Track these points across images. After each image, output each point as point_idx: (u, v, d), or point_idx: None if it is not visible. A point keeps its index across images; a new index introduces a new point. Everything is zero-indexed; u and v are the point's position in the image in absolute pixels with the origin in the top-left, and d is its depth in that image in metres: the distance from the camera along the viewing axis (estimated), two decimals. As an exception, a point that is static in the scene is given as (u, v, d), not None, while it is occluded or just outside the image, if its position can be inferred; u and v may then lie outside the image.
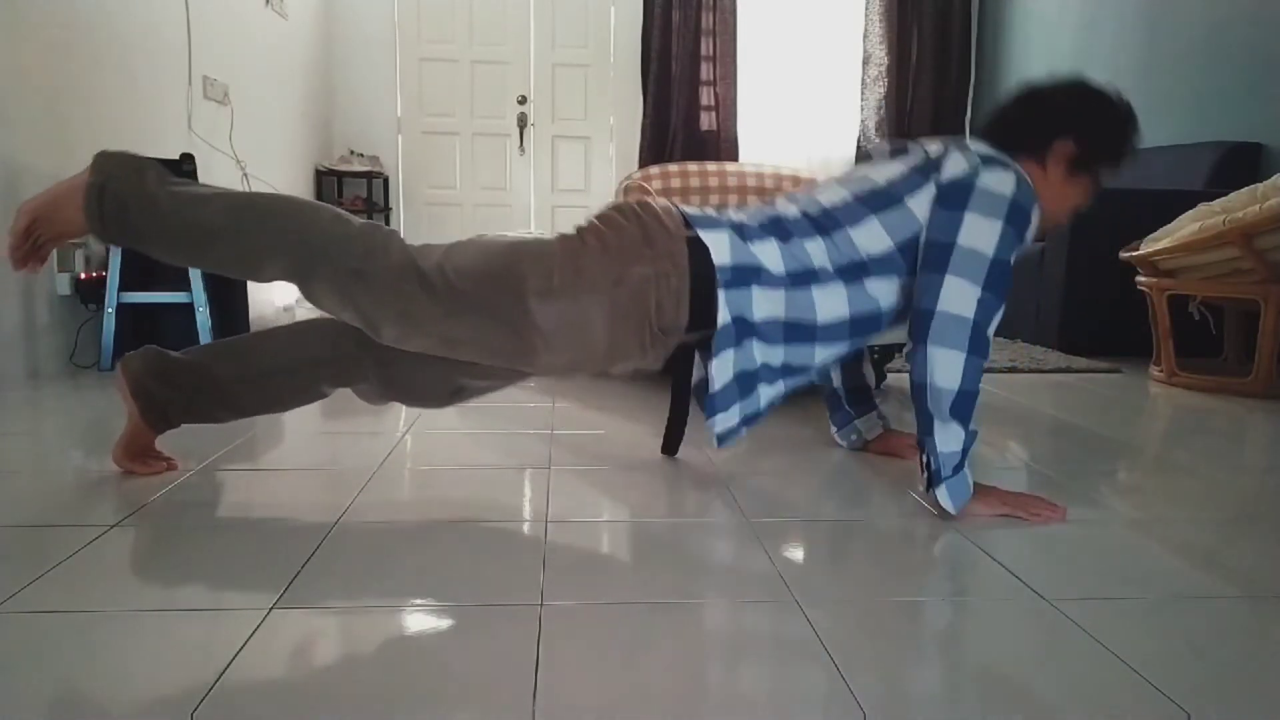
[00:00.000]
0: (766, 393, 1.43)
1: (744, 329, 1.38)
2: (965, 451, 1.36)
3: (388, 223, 5.37)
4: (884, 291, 1.42)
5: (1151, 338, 2.89)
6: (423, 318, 1.31)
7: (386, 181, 5.38)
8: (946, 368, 1.31)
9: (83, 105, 2.68)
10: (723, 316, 1.36)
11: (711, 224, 1.38)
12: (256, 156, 4.06)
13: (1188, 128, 3.72)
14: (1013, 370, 2.91)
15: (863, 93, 5.52)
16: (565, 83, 5.53)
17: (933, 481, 1.37)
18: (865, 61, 5.49)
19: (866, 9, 5.44)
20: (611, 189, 5.60)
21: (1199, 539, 1.32)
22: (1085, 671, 0.91)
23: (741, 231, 1.39)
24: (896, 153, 1.52)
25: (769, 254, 1.38)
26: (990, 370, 2.89)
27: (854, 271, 1.40)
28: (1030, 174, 1.46)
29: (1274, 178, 2.55)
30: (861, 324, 1.43)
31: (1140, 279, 2.87)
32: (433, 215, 5.54)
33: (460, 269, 1.31)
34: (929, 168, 1.42)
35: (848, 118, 5.61)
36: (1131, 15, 4.08)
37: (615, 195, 5.24)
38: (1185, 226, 2.68)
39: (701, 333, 1.40)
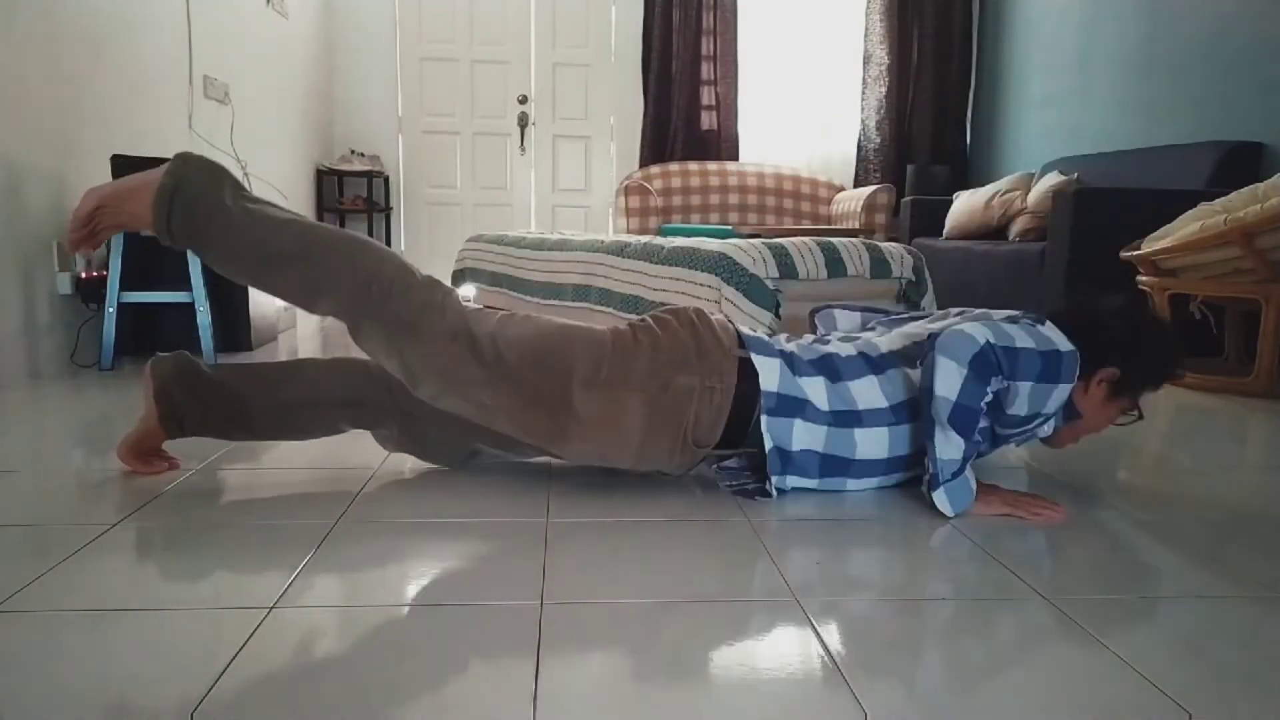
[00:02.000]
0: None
1: (784, 459, 1.41)
2: (965, 460, 1.37)
3: (388, 222, 5.38)
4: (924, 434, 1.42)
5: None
6: (464, 381, 1.33)
7: (387, 181, 5.38)
8: (947, 377, 1.32)
9: (83, 104, 2.68)
10: (767, 443, 1.39)
11: (765, 349, 1.42)
12: (257, 156, 4.06)
13: (1188, 127, 3.71)
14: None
15: (863, 92, 5.51)
16: (566, 82, 5.53)
17: (932, 484, 1.38)
18: (866, 61, 5.49)
19: (867, 8, 5.44)
20: (612, 188, 5.60)
21: (1200, 538, 1.32)
22: (1086, 671, 0.90)
23: (792, 363, 1.42)
24: (960, 314, 1.56)
25: (816, 390, 1.41)
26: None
27: (903, 410, 1.43)
28: (1073, 389, 1.46)
29: (1275, 177, 2.55)
30: (897, 463, 1.46)
31: (1141, 278, 2.87)
32: (433, 214, 5.54)
33: (511, 342, 1.35)
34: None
35: (848, 117, 5.61)
36: (1132, 14, 4.07)
37: (616, 194, 5.25)
38: (1186, 226, 2.68)
39: (729, 452, 1.45)
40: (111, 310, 2.58)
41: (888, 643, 0.96)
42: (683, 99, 5.38)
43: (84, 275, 2.61)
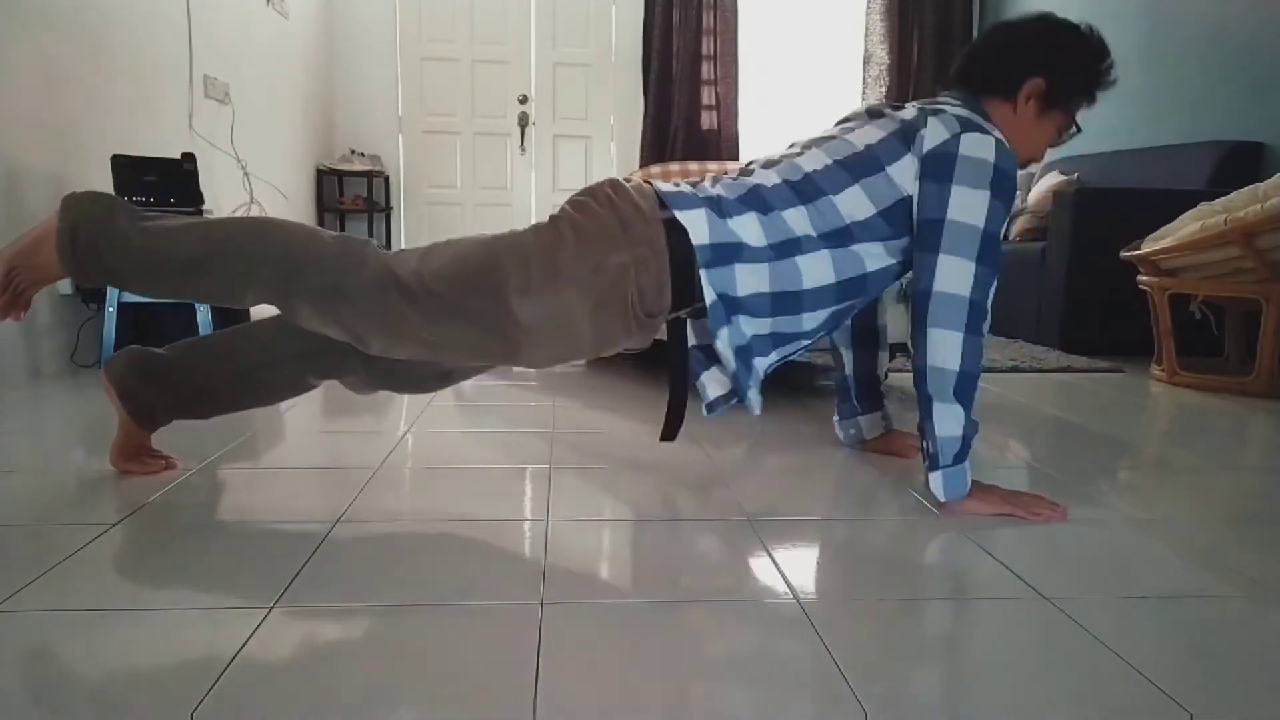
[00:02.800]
0: (761, 364, 1.42)
1: (730, 305, 1.35)
2: (966, 440, 1.36)
3: (388, 222, 5.38)
4: (870, 254, 1.40)
5: (1153, 337, 2.88)
6: (405, 326, 1.29)
7: (387, 181, 5.38)
8: (946, 349, 1.31)
9: (83, 104, 2.68)
10: (708, 295, 1.33)
11: (687, 202, 1.34)
12: (257, 156, 4.06)
13: (1189, 127, 3.71)
14: (1014, 370, 2.91)
15: (864, 92, 5.51)
16: (566, 82, 5.53)
17: (931, 465, 1.37)
18: (866, 61, 5.49)
19: (867, 8, 5.44)
20: (612, 188, 5.59)
21: (1200, 538, 1.32)
22: (1087, 671, 0.90)
23: (719, 207, 1.35)
24: (873, 115, 1.49)
25: (749, 228, 1.35)
26: (991, 370, 2.89)
27: (838, 237, 1.38)
28: (1001, 114, 1.47)
29: (1275, 177, 2.55)
30: (848, 287, 1.41)
31: (1142, 278, 2.87)
32: (433, 214, 5.54)
33: (437, 273, 1.30)
34: (908, 136, 1.40)
35: (849, 117, 5.60)
36: (1132, 14, 4.07)
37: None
38: (1186, 226, 2.67)
39: (688, 309, 1.39)
40: (111, 310, 2.58)
41: (888, 642, 0.96)
42: (683, 99, 5.38)
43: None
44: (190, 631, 0.95)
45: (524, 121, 5.53)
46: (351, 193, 5.27)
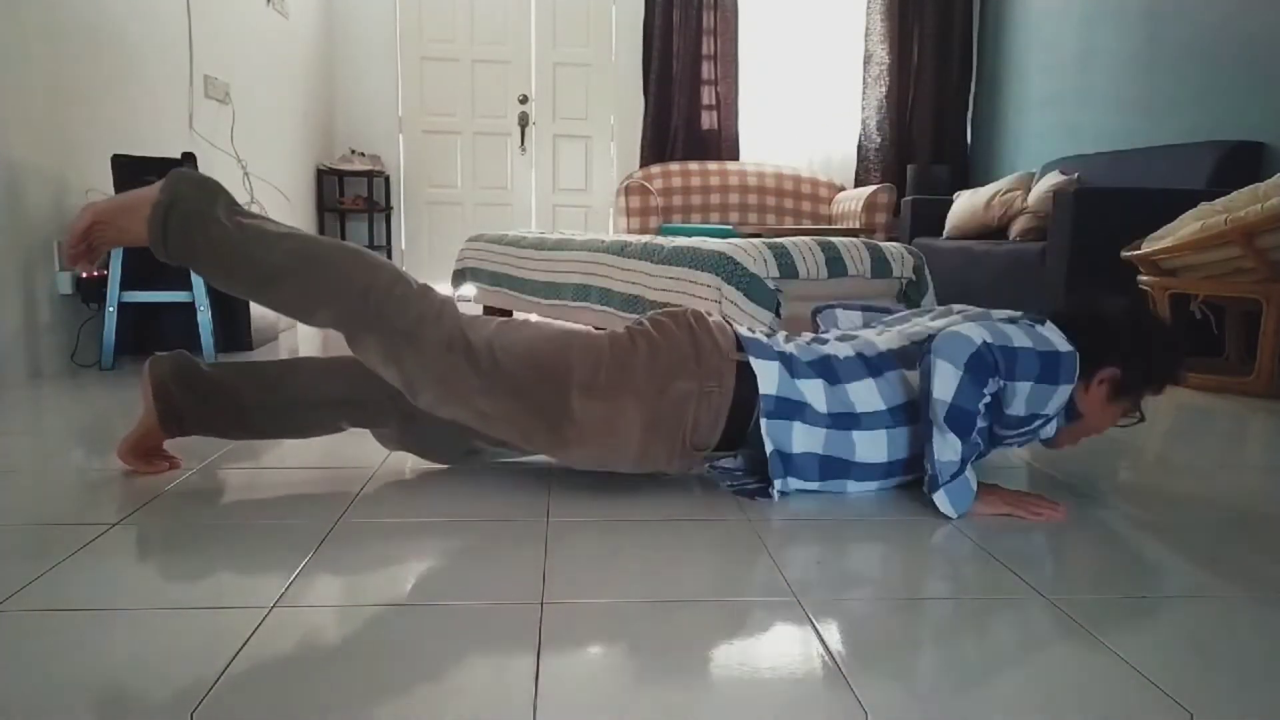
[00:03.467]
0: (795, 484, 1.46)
1: (784, 461, 1.41)
2: (965, 462, 1.37)
3: (388, 221, 5.38)
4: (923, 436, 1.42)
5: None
6: (462, 389, 1.33)
7: (387, 180, 5.38)
8: (943, 379, 1.32)
9: (84, 104, 2.68)
10: (767, 446, 1.39)
11: (764, 352, 1.41)
12: (257, 155, 4.06)
13: (1189, 127, 3.71)
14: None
15: (864, 92, 5.51)
16: (566, 82, 5.53)
17: (931, 486, 1.38)
18: (866, 60, 5.49)
19: (868, 8, 5.44)
20: (613, 188, 5.60)
21: (1201, 538, 1.32)
22: (1087, 671, 0.90)
23: (790, 365, 1.41)
24: (961, 310, 1.56)
25: (814, 393, 1.40)
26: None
27: (901, 413, 1.42)
28: (1074, 390, 1.45)
29: (1276, 177, 2.55)
30: (897, 466, 1.46)
31: (1142, 278, 2.87)
32: (433, 214, 5.54)
33: (508, 349, 1.34)
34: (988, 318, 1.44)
35: (849, 117, 5.60)
36: (1133, 13, 4.07)
37: (616, 194, 5.24)
38: (1187, 226, 2.67)
39: (725, 454, 1.45)
40: (112, 310, 2.58)
41: (889, 642, 0.96)
42: (683, 99, 5.38)
43: (84, 275, 2.61)
44: (190, 631, 0.95)
45: (524, 121, 5.53)
46: (352, 193, 5.27)
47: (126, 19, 2.92)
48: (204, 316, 2.68)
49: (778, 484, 1.42)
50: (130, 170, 2.63)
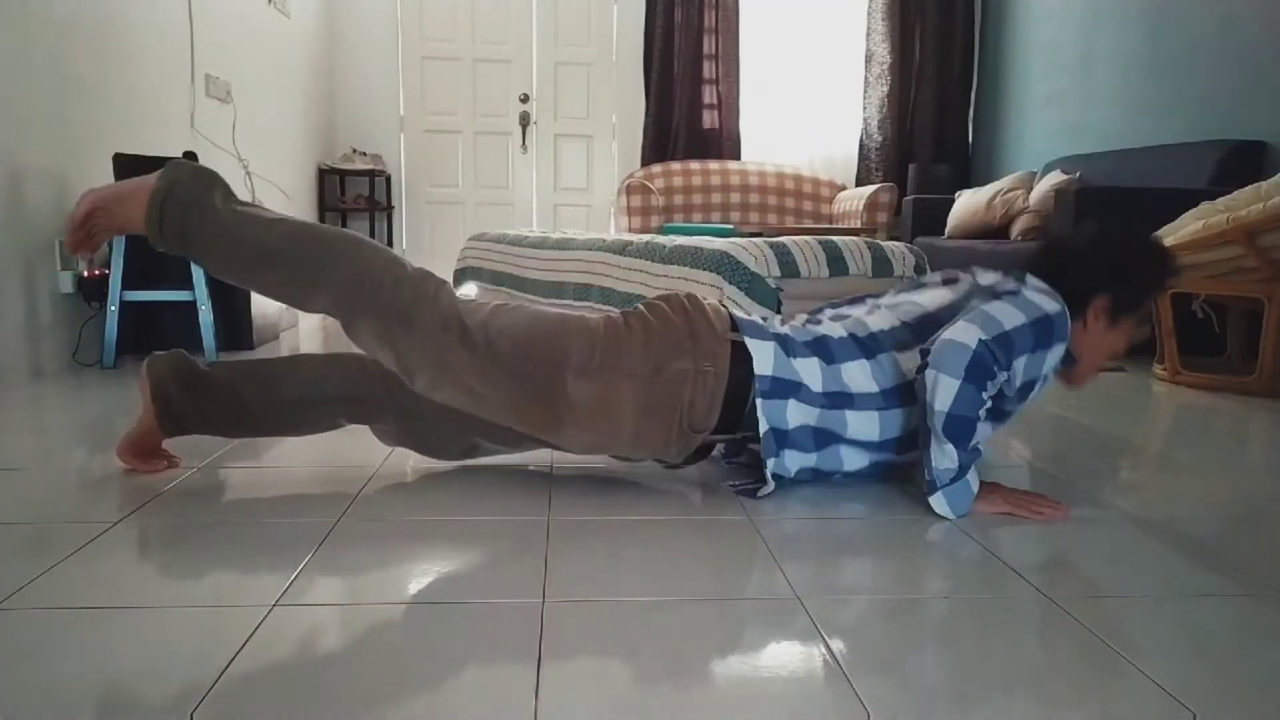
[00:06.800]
0: (793, 467, 1.46)
1: (779, 438, 1.41)
2: (963, 468, 1.36)
3: (389, 220, 5.38)
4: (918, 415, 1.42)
5: (1155, 336, 2.88)
6: (457, 371, 1.33)
7: (389, 180, 5.38)
8: (942, 391, 1.32)
9: (85, 103, 2.68)
10: (761, 425, 1.39)
11: (759, 333, 1.41)
12: (259, 155, 4.07)
13: (1191, 126, 3.71)
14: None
15: (865, 91, 5.51)
16: (568, 81, 5.53)
17: (929, 490, 1.38)
18: (868, 60, 5.48)
19: (869, 7, 5.43)
20: (614, 187, 5.59)
21: (1203, 537, 1.32)
22: (1089, 670, 0.90)
23: (786, 345, 1.42)
24: (948, 281, 1.56)
25: (810, 372, 1.41)
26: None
27: (893, 395, 1.42)
28: (1073, 331, 1.45)
29: (1277, 176, 2.55)
30: (889, 444, 1.46)
31: (1143, 278, 2.86)
32: (435, 213, 5.54)
33: (503, 330, 1.35)
34: (977, 292, 1.44)
35: (850, 116, 5.60)
36: (1135, 13, 4.07)
37: (618, 193, 5.24)
38: (1189, 225, 2.67)
39: (725, 437, 1.45)
40: (113, 309, 2.58)
41: (890, 642, 0.96)
42: (684, 98, 5.38)
43: (86, 274, 2.61)
44: (190, 631, 0.95)
45: (525, 120, 5.53)
46: (353, 192, 5.27)
47: (128, 18, 2.92)
48: (205, 315, 2.68)
49: (770, 463, 1.42)
50: (132, 169, 2.63)
